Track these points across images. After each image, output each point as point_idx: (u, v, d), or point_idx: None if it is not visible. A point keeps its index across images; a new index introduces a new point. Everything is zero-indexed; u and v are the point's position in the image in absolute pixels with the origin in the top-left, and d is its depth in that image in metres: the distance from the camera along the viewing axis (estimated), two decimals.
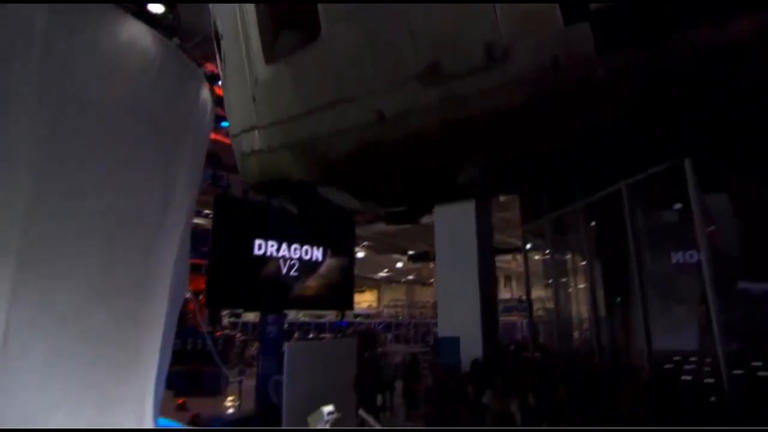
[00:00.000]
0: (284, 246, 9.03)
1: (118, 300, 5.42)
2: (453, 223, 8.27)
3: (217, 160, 8.87)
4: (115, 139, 5.19)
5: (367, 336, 12.75)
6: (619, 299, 7.29)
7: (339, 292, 9.95)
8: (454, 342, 7.69)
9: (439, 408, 6.27)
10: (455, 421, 5.28)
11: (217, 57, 4.71)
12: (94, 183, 5.14)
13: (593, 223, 7.32)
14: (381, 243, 21.90)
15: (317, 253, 9.61)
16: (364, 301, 32.93)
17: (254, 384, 9.60)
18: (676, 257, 6.86)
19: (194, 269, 9.14)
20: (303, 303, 10.00)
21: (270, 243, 8.78)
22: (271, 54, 2.92)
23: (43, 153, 4.69)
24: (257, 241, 8.55)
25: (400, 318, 16.71)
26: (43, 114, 4.59)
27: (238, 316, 22.84)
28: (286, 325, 17.81)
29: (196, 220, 9.29)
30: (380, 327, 17.79)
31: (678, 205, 6.41)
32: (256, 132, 2.41)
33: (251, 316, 19.73)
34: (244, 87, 3.20)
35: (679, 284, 6.82)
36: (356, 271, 31.35)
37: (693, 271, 5.92)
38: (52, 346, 4.91)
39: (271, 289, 8.80)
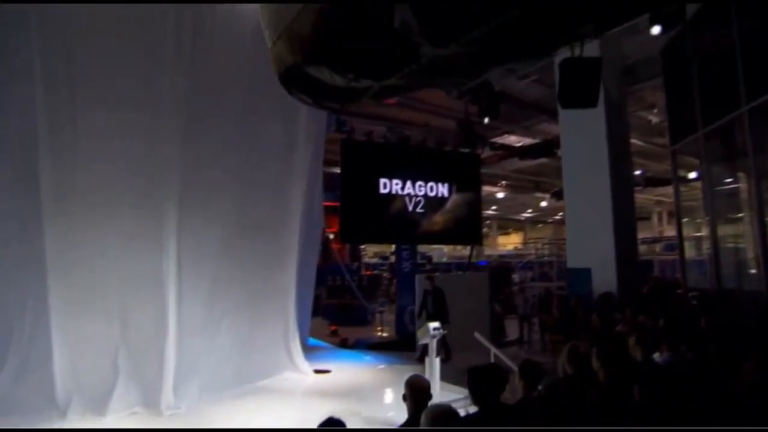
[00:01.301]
0: (409, 184, 9.30)
1: (258, 232, 6.32)
2: (580, 145, 7.55)
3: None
4: (244, 104, 5.90)
5: (500, 271, 12.63)
6: None
7: (466, 227, 9.97)
8: (584, 273, 7.22)
9: (565, 338, 6.06)
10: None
11: None
12: (228, 145, 5.98)
13: None
14: (521, 181, 20.93)
15: (443, 189, 9.70)
16: (510, 242, 32.26)
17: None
18: None
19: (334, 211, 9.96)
20: (431, 238, 10.27)
21: (395, 181, 9.12)
22: None
23: (189, 130, 5.63)
24: (382, 180, 8.96)
25: (544, 257, 16.06)
26: (189, 95, 5.50)
27: (385, 258, 24.46)
28: (428, 266, 18.56)
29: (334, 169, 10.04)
30: (521, 265, 17.40)
31: None
32: (267, 31, 2.53)
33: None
34: None
35: None
36: (499, 212, 30.66)
37: None
38: (215, 271, 5.99)
39: (399, 225, 9.22)
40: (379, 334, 10.91)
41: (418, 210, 9.41)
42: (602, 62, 5.92)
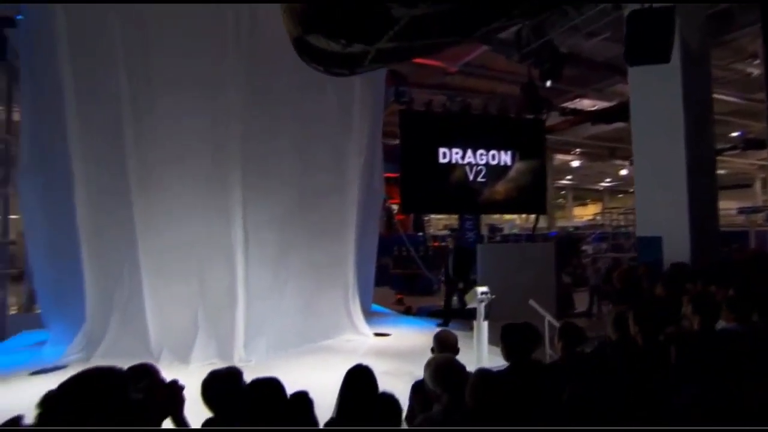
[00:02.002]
0: (469, 153, 9.21)
1: (317, 203, 6.66)
2: (652, 104, 7.00)
3: (401, 77, 9.37)
4: (299, 80, 6.16)
5: (568, 242, 12.15)
6: None
7: (530, 196, 9.72)
8: (654, 242, 6.82)
9: (628, 309, 5.83)
10: None
11: None
12: (287, 120, 6.31)
13: None
14: (598, 149, 19.73)
15: (505, 157, 9.50)
16: (588, 214, 30.66)
17: None
18: None
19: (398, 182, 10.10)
20: (492, 207, 10.14)
21: (455, 151, 9.08)
22: None
23: (250, 107, 6.02)
24: (441, 150, 8.96)
25: (621, 228, 15.18)
26: (249, 76, 5.87)
27: (454, 229, 24.35)
28: (498, 238, 18.27)
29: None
30: (594, 237, 16.57)
31: None
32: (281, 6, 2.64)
33: None
34: None
35: None
36: (575, 182, 29.16)
37: None
38: (279, 240, 6.43)
39: (459, 194, 9.22)
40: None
41: (479, 179, 9.32)
42: (674, 12, 5.44)
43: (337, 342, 6.78)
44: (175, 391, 2.00)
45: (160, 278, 5.98)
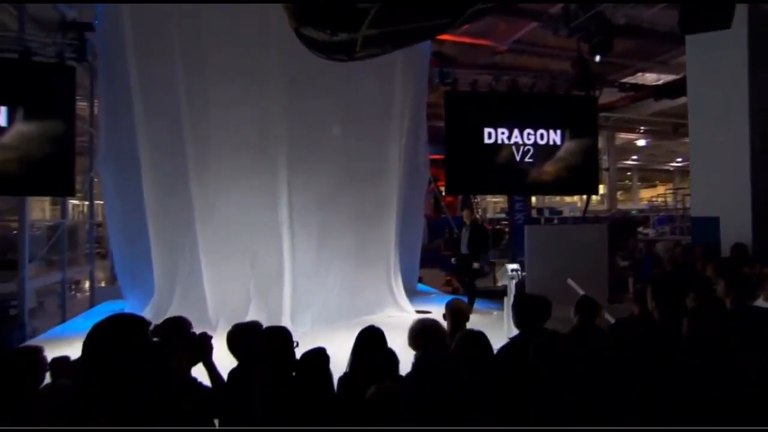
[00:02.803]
0: (516, 132, 9.04)
1: (359, 184, 6.94)
2: (711, 72, 6.56)
3: (445, 58, 9.35)
4: (339, 66, 6.39)
5: (623, 224, 11.61)
6: None
7: (581, 176, 9.40)
8: (710, 222, 6.46)
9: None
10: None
11: None
12: (328, 105, 6.58)
13: None
14: (666, 126, 18.51)
15: (554, 136, 9.23)
16: (657, 195, 28.87)
17: None
18: None
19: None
20: (541, 188, 9.90)
21: (500, 130, 8.95)
22: None
23: (293, 93, 6.34)
24: (486, 130, 8.87)
25: (686, 209, 14.29)
26: (291, 64, 6.18)
27: (508, 212, 23.91)
28: (556, 220, 17.78)
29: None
30: (658, 219, 15.65)
31: None
32: None
33: None
34: None
35: None
36: (642, 163, 27.51)
37: None
38: (322, 221, 6.79)
39: (506, 175, 9.10)
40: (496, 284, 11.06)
41: (527, 159, 9.15)
42: None
43: (379, 317, 7.06)
44: (204, 341, 2.33)
45: (216, 255, 6.53)
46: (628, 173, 28.18)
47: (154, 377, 1.62)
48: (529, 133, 9.13)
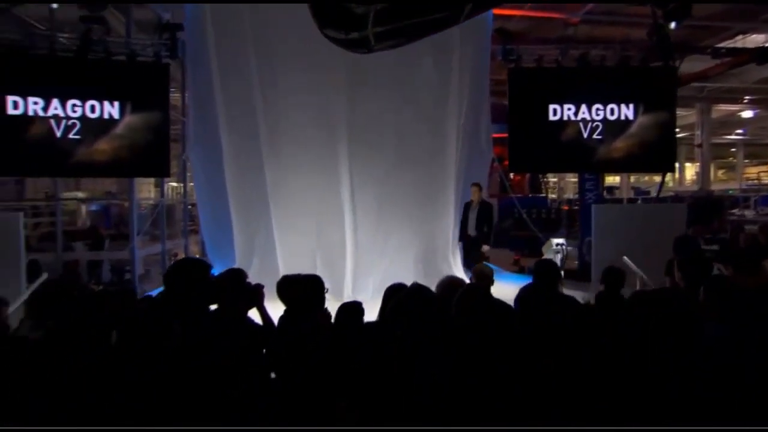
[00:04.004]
0: (584, 108, 8.74)
1: (416, 163, 7.27)
2: None
3: (508, 34, 9.19)
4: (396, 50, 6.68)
5: (707, 203, 10.68)
6: None
7: (656, 152, 8.86)
8: None
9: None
10: None
11: None
12: (386, 87, 6.93)
13: None
14: None
15: (626, 111, 8.78)
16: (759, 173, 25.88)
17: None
18: None
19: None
20: (610, 165, 9.47)
21: (567, 107, 8.71)
22: None
23: (351, 79, 6.80)
24: (552, 107, 8.67)
25: None
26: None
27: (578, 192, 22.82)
28: (639, 201, 16.77)
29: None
30: (761, 199, 14.14)
31: None
32: None
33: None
34: None
35: None
36: (749, 137, 24.79)
37: None
38: (381, 198, 7.25)
39: (572, 152, 8.86)
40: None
41: (595, 136, 8.83)
42: None
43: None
44: (258, 289, 2.85)
45: (285, 232, 7.26)
46: (732, 149, 25.49)
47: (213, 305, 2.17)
48: (598, 109, 8.79)
